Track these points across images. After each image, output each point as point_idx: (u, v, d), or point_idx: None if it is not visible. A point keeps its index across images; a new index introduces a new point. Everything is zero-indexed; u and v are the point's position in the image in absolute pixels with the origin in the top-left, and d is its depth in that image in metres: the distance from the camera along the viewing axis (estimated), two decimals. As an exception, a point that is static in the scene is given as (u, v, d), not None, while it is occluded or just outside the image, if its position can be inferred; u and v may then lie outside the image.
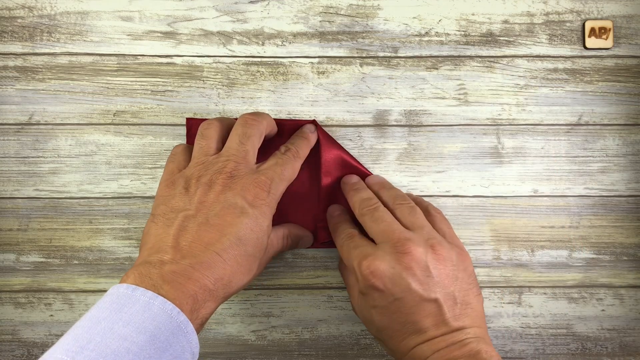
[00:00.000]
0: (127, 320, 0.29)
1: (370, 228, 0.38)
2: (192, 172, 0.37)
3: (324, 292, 0.45)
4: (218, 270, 0.33)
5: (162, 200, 0.36)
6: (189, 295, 0.31)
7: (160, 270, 0.32)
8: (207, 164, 0.37)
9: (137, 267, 0.32)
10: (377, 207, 0.39)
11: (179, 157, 0.39)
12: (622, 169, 0.45)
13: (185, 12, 0.45)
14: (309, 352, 0.45)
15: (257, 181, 0.36)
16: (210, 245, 0.33)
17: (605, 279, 0.45)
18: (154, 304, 0.30)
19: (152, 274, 0.32)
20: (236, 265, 0.34)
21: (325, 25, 0.45)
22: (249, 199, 0.35)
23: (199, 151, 0.38)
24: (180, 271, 0.32)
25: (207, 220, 0.34)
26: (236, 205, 0.35)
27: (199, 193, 0.35)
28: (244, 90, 0.44)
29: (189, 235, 0.33)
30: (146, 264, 0.32)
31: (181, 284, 0.31)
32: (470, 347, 0.34)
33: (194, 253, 0.33)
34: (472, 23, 0.45)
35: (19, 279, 0.44)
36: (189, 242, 0.33)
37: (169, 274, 0.32)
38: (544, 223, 0.45)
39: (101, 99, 0.44)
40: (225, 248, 0.33)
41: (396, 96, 0.45)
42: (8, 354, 0.44)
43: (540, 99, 0.45)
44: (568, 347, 0.45)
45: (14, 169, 0.44)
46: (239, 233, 0.34)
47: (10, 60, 0.44)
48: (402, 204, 0.39)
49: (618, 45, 0.45)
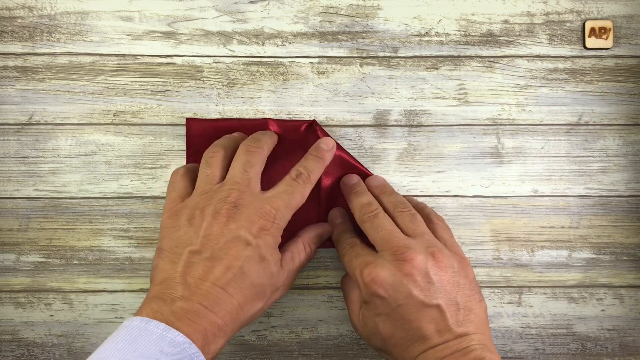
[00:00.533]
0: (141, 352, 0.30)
1: (371, 235, 0.38)
2: (196, 202, 0.37)
3: (324, 292, 0.45)
4: (226, 305, 0.34)
5: (167, 232, 0.37)
6: (199, 331, 0.32)
7: (171, 307, 0.33)
8: (211, 193, 0.37)
9: (149, 303, 0.33)
10: (377, 213, 0.39)
11: (179, 185, 0.39)
12: (622, 169, 0.45)
13: (185, 12, 0.45)
14: (309, 352, 0.45)
15: (262, 212, 0.36)
16: (217, 280, 0.34)
17: (605, 279, 0.45)
18: (167, 335, 0.31)
19: (164, 310, 0.32)
20: (243, 297, 0.34)
21: (325, 25, 0.45)
22: (254, 231, 0.35)
23: (203, 180, 0.38)
24: (190, 308, 0.33)
25: (212, 255, 0.34)
26: (240, 237, 0.35)
27: (204, 226, 0.35)
28: (244, 90, 0.44)
29: (195, 272, 0.34)
30: (158, 300, 0.33)
31: (192, 320, 0.32)
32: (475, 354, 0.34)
33: (201, 290, 0.33)
34: (472, 23, 0.45)
35: (19, 279, 0.44)
36: (196, 279, 0.34)
37: (180, 311, 0.32)
38: (544, 223, 0.45)
39: (101, 99, 0.44)
40: (230, 282, 0.34)
41: (396, 96, 0.45)
42: (8, 354, 0.44)
43: (540, 99, 0.45)
44: (568, 347, 0.45)
45: (14, 169, 0.44)
46: (244, 266, 0.34)
47: (10, 60, 0.44)
48: (403, 211, 0.39)
49: (618, 45, 0.45)
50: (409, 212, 0.39)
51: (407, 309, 0.35)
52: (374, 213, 0.39)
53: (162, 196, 0.44)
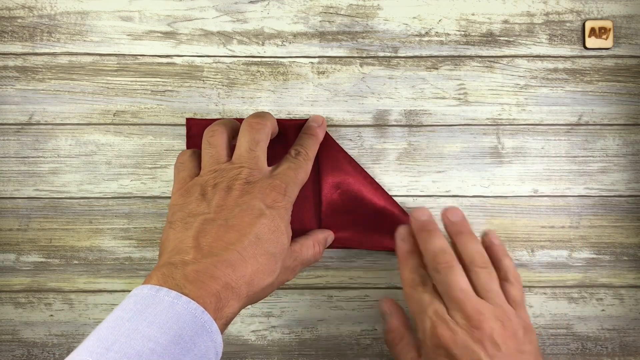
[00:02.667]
0: (151, 320, 0.29)
1: (442, 289, 0.37)
2: (206, 179, 0.37)
3: (324, 292, 0.45)
4: (239, 268, 0.33)
5: (178, 208, 0.36)
6: (212, 294, 0.31)
7: (183, 270, 0.32)
8: (221, 171, 0.37)
9: (159, 269, 0.32)
10: (453, 267, 0.37)
11: (189, 165, 0.39)
12: (622, 169, 0.45)
13: (185, 12, 0.45)
14: (309, 352, 0.45)
15: (273, 185, 0.36)
16: (230, 244, 0.34)
17: (605, 279, 0.45)
18: (178, 303, 0.30)
19: (175, 274, 0.32)
20: (256, 264, 0.34)
21: (325, 25, 0.45)
22: (268, 202, 0.36)
23: (209, 159, 0.38)
24: (203, 270, 0.32)
25: (226, 222, 0.34)
26: (254, 207, 0.35)
27: (217, 197, 0.35)
28: (244, 90, 0.44)
29: (209, 236, 0.34)
30: (169, 265, 0.32)
31: (204, 282, 0.32)
32: None
33: (214, 252, 0.33)
34: (472, 23, 0.45)
35: (19, 279, 0.44)
36: (210, 242, 0.34)
37: (192, 273, 0.32)
38: (544, 223, 0.45)
39: (101, 99, 0.44)
40: (245, 247, 0.34)
41: (396, 96, 0.45)
42: (8, 354, 0.44)
43: (540, 99, 0.45)
44: (568, 347, 0.45)
45: (14, 169, 0.44)
46: (259, 232, 0.34)
47: (10, 60, 0.44)
48: (481, 268, 0.38)
49: (618, 45, 0.45)
50: (486, 271, 0.38)
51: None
52: (449, 265, 0.37)
53: (162, 196, 0.44)
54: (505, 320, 0.36)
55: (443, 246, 0.38)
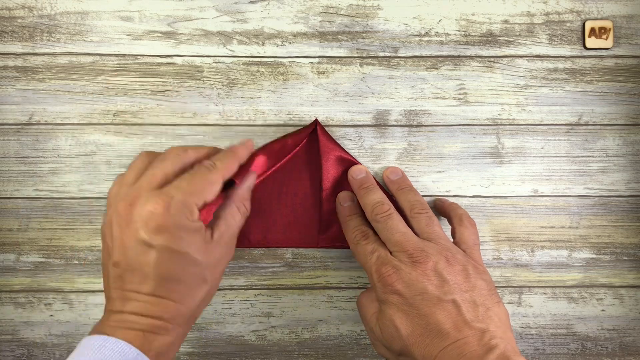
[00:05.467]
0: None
1: (384, 235, 0.38)
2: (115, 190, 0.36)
3: (324, 292, 0.45)
4: (159, 307, 0.34)
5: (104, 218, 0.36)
6: (136, 335, 0.33)
7: (108, 321, 0.34)
8: (114, 195, 0.35)
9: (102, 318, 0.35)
10: (391, 214, 0.39)
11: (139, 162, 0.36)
12: (622, 169, 0.45)
13: (185, 12, 0.45)
14: (309, 352, 0.45)
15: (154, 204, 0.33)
16: (140, 289, 0.34)
17: (605, 279, 0.45)
18: (106, 345, 0.32)
19: (104, 327, 0.34)
20: (175, 296, 0.34)
21: (325, 25, 0.45)
22: (151, 229, 0.33)
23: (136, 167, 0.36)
24: (124, 319, 0.34)
25: (128, 265, 0.34)
26: (141, 242, 0.33)
27: (114, 232, 0.34)
28: (244, 90, 0.44)
29: (120, 284, 0.34)
30: (101, 318, 0.35)
31: (127, 328, 0.33)
32: (498, 352, 0.32)
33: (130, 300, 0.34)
34: (472, 23, 0.45)
35: (19, 279, 0.44)
36: (124, 290, 0.34)
37: (115, 323, 0.34)
38: (544, 223, 0.45)
39: (101, 99, 0.44)
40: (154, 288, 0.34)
41: (396, 96, 0.45)
42: (8, 354, 0.44)
43: (540, 99, 0.45)
44: (568, 347, 0.45)
45: (14, 169, 0.44)
46: (159, 270, 0.33)
47: (10, 60, 0.44)
48: (420, 213, 0.39)
49: (618, 45, 0.45)
50: (426, 215, 0.39)
51: (423, 304, 0.35)
52: (387, 214, 0.39)
53: (162, 196, 0.44)
54: (450, 256, 0.37)
55: (381, 198, 0.40)
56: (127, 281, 0.34)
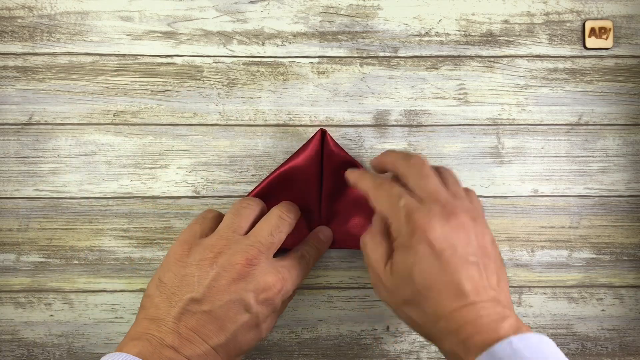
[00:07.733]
0: None
1: (415, 182, 0.36)
2: (212, 243, 0.37)
3: (324, 292, 0.45)
4: None
5: (172, 264, 0.37)
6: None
7: (160, 354, 0.34)
8: (231, 241, 0.37)
9: (136, 339, 0.34)
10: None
11: (207, 223, 0.39)
12: (622, 169, 0.45)
13: (185, 12, 0.45)
14: (309, 352, 0.45)
15: (274, 279, 0.37)
16: (207, 339, 0.35)
17: (605, 279, 0.45)
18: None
19: (153, 356, 0.33)
20: (227, 356, 0.36)
21: (325, 25, 0.45)
22: (260, 299, 0.36)
23: (227, 226, 0.38)
24: (170, 357, 0.34)
25: (210, 310, 0.35)
26: (242, 301, 0.36)
27: (211, 275, 0.36)
28: (244, 90, 0.44)
29: (189, 323, 0.35)
30: (145, 341, 0.34)
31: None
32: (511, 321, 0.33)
33: (191, 344, 0.34)
34: (472, 23, 0.45)
35: (19, 279, 0.44)
36: (188, 330, 0.35)
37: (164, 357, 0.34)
38: (544, 223, 0.45)
39: (101, 99, 0.44)
40: (220, 344, 0.35)
41: (396, 96, 0.45)
42: (8, 354, 0.44)
43: (540, 99, 0.45)
44: (568, 347, 0.45)
45: (14, 169, 0.44)
46: (237, 332, 0.36)
47: (10, 60, 0.44)
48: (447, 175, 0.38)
49: (618, 45, 0.45)
50: (453, 178, 0.38)
51: (450, 259, 0.34)
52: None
53: (162, 196, 0.44)
54: (478, 218, 0.36)
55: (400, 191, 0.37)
56: (200, 324, 0.35)
